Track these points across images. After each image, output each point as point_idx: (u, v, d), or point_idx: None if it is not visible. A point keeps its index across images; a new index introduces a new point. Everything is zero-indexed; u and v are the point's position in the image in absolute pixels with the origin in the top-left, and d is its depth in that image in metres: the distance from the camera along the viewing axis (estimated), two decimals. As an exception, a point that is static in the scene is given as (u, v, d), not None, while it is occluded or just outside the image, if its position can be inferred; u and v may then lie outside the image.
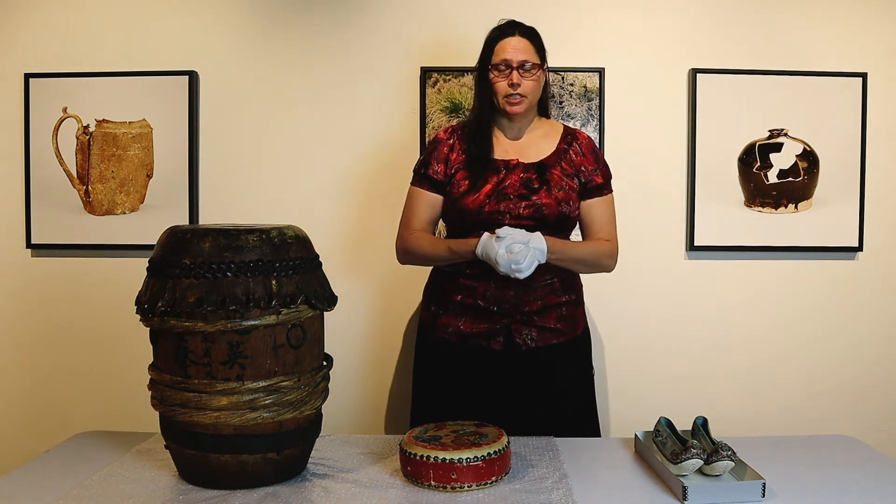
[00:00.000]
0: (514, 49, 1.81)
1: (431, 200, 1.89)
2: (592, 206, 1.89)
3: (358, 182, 2.57)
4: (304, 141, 2.57)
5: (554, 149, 1.88)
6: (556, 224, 1.81)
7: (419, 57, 2.52)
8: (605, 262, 1.88)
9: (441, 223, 1.97)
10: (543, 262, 1.69)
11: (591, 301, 2.58)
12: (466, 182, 1.83)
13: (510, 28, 1.85)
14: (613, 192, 1.93)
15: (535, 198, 1.80)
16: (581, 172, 1.87)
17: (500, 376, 1.83)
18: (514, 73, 1.79)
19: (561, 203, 1.81)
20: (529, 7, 2.52)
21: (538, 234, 1.70)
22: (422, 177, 1.90)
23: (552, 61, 2.51)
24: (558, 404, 1.85)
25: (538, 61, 1.83)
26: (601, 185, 1.89)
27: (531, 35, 1.86)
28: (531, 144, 1.89)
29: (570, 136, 1.91)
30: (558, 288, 1.86)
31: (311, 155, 2.58)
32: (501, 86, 1.82)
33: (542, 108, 1.96)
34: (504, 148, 1.88)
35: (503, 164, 1.84)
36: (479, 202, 1.80)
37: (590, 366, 1.97)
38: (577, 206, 1.86)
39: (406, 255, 1.90)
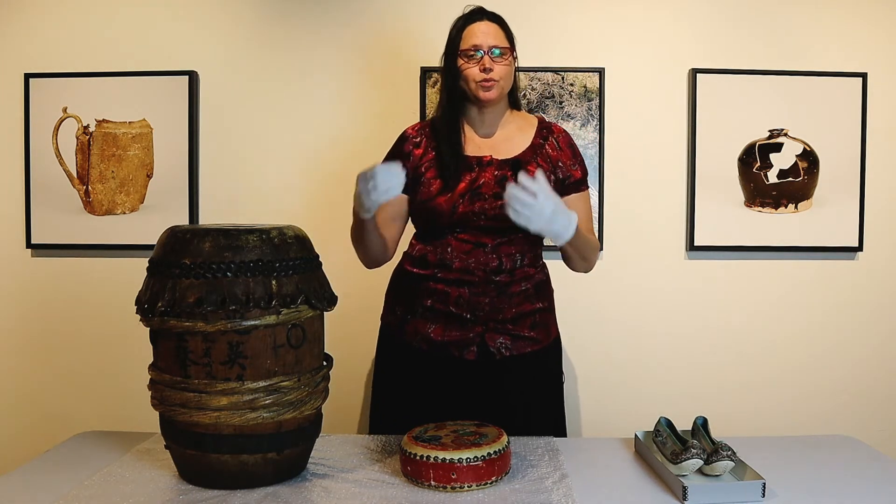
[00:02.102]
0: (484, 33, 1.72)
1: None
2: (572, 202, 1.78)
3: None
4: (303, 141, 2.57)
5: (529, 143, 1.79)
6: None
7: (419, 57, 2.52)
8: (593, 259, 1.80)
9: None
10: (565, 238, 1.55)
11: (591, 300, 2.58)
12: (438, 181, 1.74)
13: (477, 14, 1.77)
14: (590, 189, 1.83)
15: None
16: (559, 168, 1.78)
17: (472, 386, 1.75)
18: (486, 57, 1.70)
19: None
20: (530, 6, 2.53)
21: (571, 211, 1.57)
22: None
23: (552, 61, 2.54)
24: (528, 413, 1.77)
25: (508, 46, 1.75)
26: (580, 180, 1.81)
27: (500, 20, 1.77)
28: (505, 139, 1.80)
29: (545, 129, 1.82)
30: (532, 294, 1.78)
31: (310, 155, 2.58)
32: (473, 72, 1.72)
33: (514, 101, 1.86)
34: (476, 144, 1.79)
35: (476, 160, 1.75)
36: (452, 202, 1.71)
37: (560, 373, 1.89)
38: None
39: (356, 247, 1.79)
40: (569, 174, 1.79)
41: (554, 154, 1.79)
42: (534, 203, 1.47)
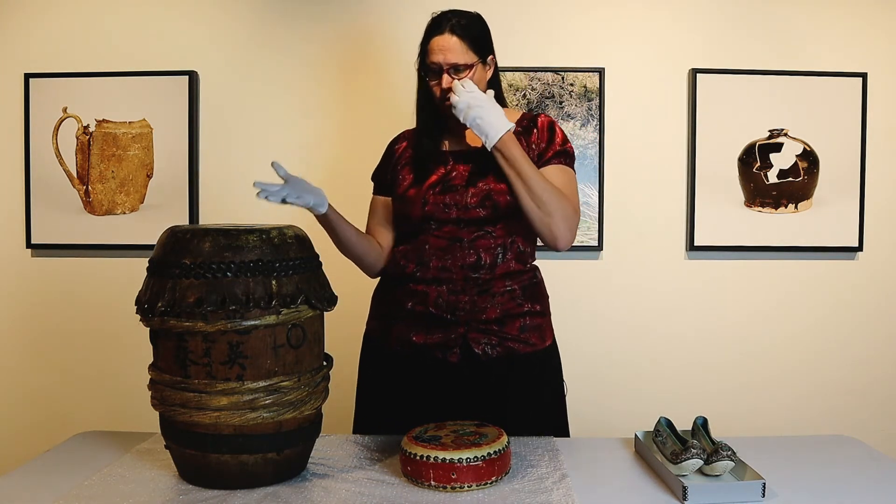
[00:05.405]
0: (442, 50, 1.65)
1: (379, 203, 1.84)
2: (548, 172, 1.67)
3: (358, 181, 2.56)
4: (303, 140, 2.57)
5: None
6: (509, 212, 1.65)
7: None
8: (554, 211, 1.60)
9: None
10: (492, 137, 1.58)
11: (591, 300, 2.58)
12: (411, 176, 1.74)
13: (443, 22, 1.68)
14: (576, 174, 1.75)
15: (481, 184, 1.66)
16: (532, 150, 1.70)
17: (458, 390, 1.68)
18: (445, 76, 1.66)
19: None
20: (530, 6, 2.53)
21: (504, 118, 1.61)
22: (374, 181, 1.88)
23: (552, 61, 2.54)
24: (524, 424, 1.68)
25: (472, 60, 1.66)
26: (559, 152, 1.70)
27: (464, 29, 1.66)
28: None
29: (528, 120, 1.76)
30: (519, 295, 1.70)
31: (310, 154, 2.58)
32: (435, 89, 1.70)
33: (498, 99, 1.75)
34: (456, 140, 1.77)
35: (451, 154, 1.74)
36: (422, 194, 1.69)
37: (561, 382, 1.81)
38: None
39: (350, 259, 1.83)
40: (543, 149, 1.71)
41: (533, 138, 1.72)
42: (462, 92, 1.60)
